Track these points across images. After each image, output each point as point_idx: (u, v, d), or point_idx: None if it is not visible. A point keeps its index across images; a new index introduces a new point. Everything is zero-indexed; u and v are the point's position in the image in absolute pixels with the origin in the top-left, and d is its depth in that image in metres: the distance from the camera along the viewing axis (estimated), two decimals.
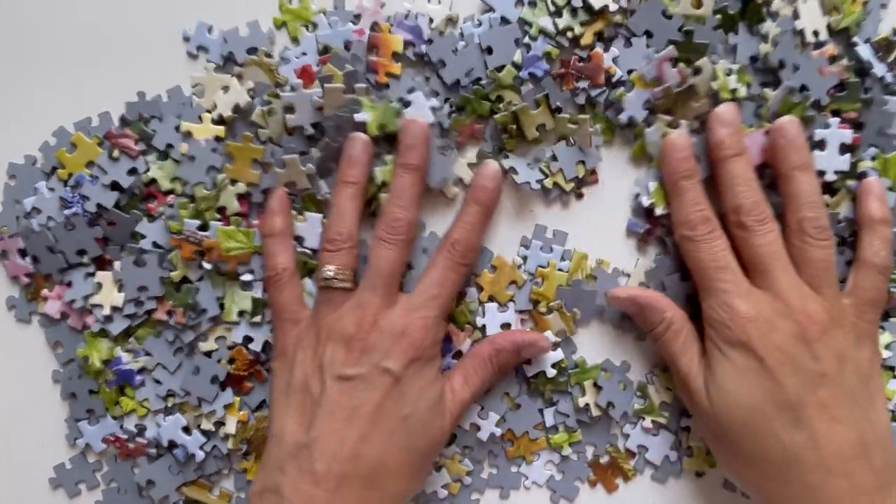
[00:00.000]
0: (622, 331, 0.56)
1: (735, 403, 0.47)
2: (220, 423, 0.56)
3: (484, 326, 0.55)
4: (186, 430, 0.55)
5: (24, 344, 0.57)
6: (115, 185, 0.55)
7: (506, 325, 0.55)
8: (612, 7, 0.53)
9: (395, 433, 0.48)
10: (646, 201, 0.54)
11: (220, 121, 0.55)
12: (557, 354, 0.54)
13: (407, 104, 0.54)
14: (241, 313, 0.55)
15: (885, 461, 0.46)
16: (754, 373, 0.46)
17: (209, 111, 0.55)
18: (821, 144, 0.53)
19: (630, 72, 0.54)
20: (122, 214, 0.55)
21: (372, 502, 0.47)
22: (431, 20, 0.55)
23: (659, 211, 0.53)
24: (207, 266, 0.54)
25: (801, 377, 0.46)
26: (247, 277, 0.55)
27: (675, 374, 0.52)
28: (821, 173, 0.53)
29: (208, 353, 0.55)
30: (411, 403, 0.48)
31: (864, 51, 0.53)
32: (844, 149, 0.53)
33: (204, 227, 0.54)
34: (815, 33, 0.53)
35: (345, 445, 0.47)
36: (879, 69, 0.53)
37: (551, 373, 0.54)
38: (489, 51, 0.54)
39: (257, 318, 0.55)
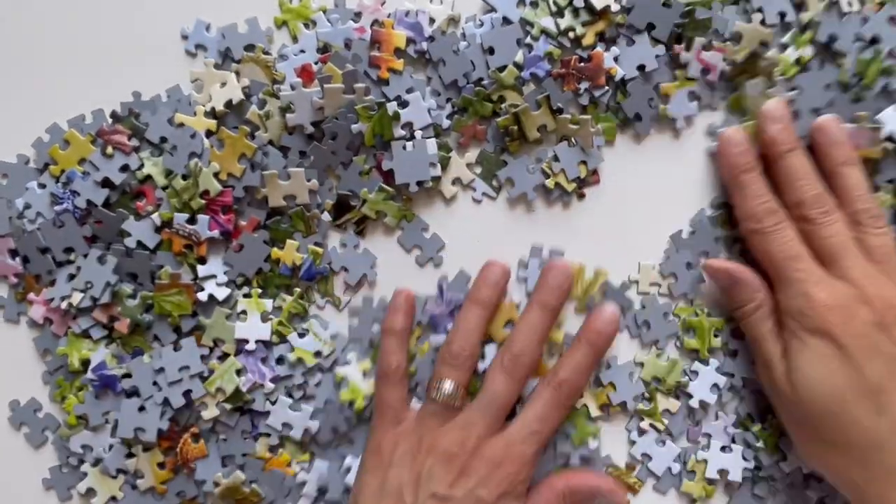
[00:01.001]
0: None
1: (817, 390, 0.47)
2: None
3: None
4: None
5: (13, 344, 0.56)
6: (106, 182, 0.54)
7: None
8: (614, 7, 0.53)
9: None
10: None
11: (213, 115, 0.54)
12: None
13: (405, 104, 0.53)
14: (218, 390, 0.54)
15: None
16: (835, 360, 0.46)
17: (202, 105, 0.54)
18: None
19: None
20: (108, 213, 0.54)
21: None
22: (433, 20, 0.54)
23: None
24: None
25: (882, 362, 0.46)
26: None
27: (757, 358, 0.52)
28: None
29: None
30: None
31: None
32: None
33: (192, 220, 0.54)
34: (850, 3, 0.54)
35: None
36: None
37: None
38: (491, 51, 0.54)
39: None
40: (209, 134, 0.54)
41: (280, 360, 0.55)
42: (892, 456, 0.45)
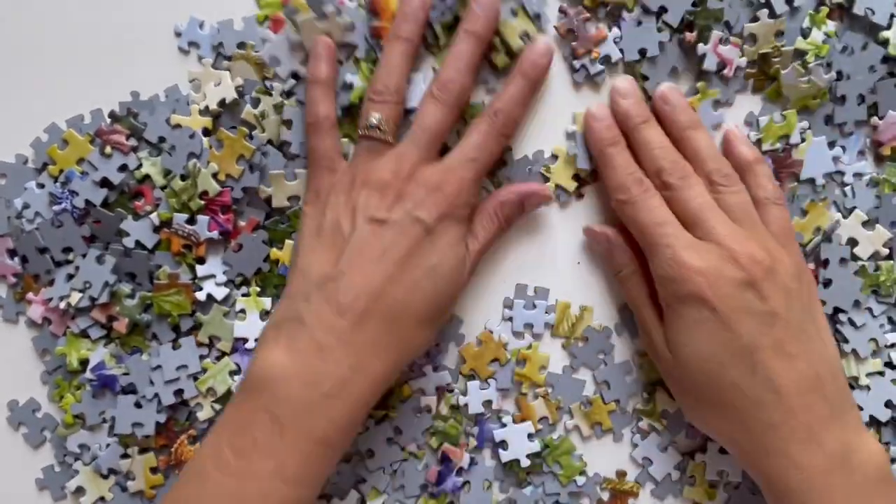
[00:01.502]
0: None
1: (694, 355, 0.47)
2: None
3: (466, 405, 0.54)
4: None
5: (12, 344, 0.56)
6: (104, 182, 0.54)
7: (487, 403, 0.54)
8: None
9: (421, 281, 0.48)
10: (753, 136, 0.54)
11: (209, 113, 0.54)
12: (534, 445, 0.54)
13: None
14: (209, 390, 0.54)
15: (836, 388, 0.47)
16: (708, 323, 0.46)
17: (198, 104, 0.54)
18: None
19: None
20: (107, 213, 0.54)
21: (390, 342, 0.47)
22: None
23: (765, 146, 0.54)
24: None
25: (754, 320, 0.46)
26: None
27: (639, 325, 0.53)
28: None
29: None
30: (439, 255, 0.48)
31: None
32: None
33: (192, 221, 0.54)
34: None
35: (371, 283, 0.47)
36: None
37: (525, 462, 0.54)
38: None
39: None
40: (206, 133, 0.54)
41: None
42: (768, 412, 0.45)
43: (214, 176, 0.53)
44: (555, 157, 0.54)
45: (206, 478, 0.45)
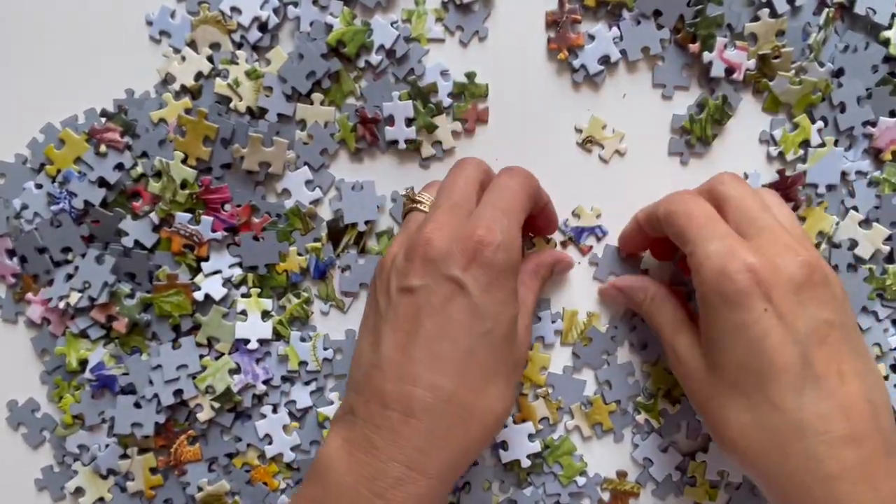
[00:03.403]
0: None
1: (733, 364, 0.42)
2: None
3: None
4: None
5: (11, 344, 0.56)
6: (102, 182, 0.54)
7: None
8: None
9: (474, 350, 0.43)
10: (774, 151, 0.54)
11: (187, 93, 0.55)
12: (534, 446, 0.53)
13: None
14: (208, 388, 0.54)
15: (889, 422, 0.41)
16: (756, 326, 0.41)
17: (169, 92, 0.55)
18: None
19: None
20: (105, 213, 0.54)
21: (452, 427, 0.42)
22: None
23: (789, 157, 0.53)
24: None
25: (810, 326, 0.40)
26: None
27: (664, 347, 0.49)
28: None
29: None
30: (492, 317, 0.43)
31: None
32: None
33: (195, 220, 0.54)
34: None
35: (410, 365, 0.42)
36: None
37: (526, 463, 0.53)
38: None
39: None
40: (188, 112, 0.54)
41: (269, 353, 0.54)
42: (814, 440, 0.39)
43: (184, 162, 0.53)
44: None
45: None
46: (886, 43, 0.53)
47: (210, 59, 0.54)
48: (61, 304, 0.54)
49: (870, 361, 0.42)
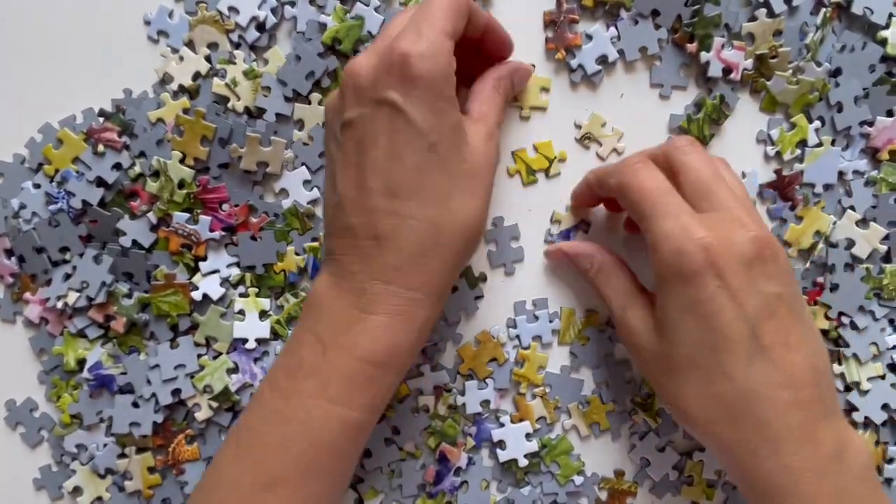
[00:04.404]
0: None
1: (686, 340, 0.43)
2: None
3: (464, 405, 0.54)
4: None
5: (9, 344, 0.56)
6: (100, 182, 0.54)
7: (485, 402, 0.54)
8: None
9: (424, 166, 0.43)
10: (771, 151, 0.54)
11: (185, 92, 0.55)
12: (532, 445, 0.54)
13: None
14: (206, 387, 0.54)
15: (829, 384, 0.43)
16: (710, 303, 0.42)
17: (167, 92, 0.55)
18: None
19: None
20: (103, 212, 0.54)
21: (423, 247, 0.43)
22: None
23: (786, 156, 0.54)
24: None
25: (760, 301, 0.42)
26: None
27: (614, 319, 0.49)
28: None
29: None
30: (433, 129, 0.43)
31: None
32: None
33: (193, 220, 0.54)
34: None
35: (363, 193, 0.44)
36: None
37: (523, 462, 0.54)
38: None
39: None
40: (186, 111, 0.54)
41: (267, 353, 0.55)
42: (761, 406, 0.41)
43: (182, 162, 0.53)
44: None
45: (261, 398, 0.45)
46: (884, 42, 0.53)
47: (208, 58, 0.54)
48: (59, 304, 0.54)
49: (812, 328, 0.44)
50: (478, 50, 0.50)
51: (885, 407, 0.53)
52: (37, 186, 0.55)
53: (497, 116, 0.49)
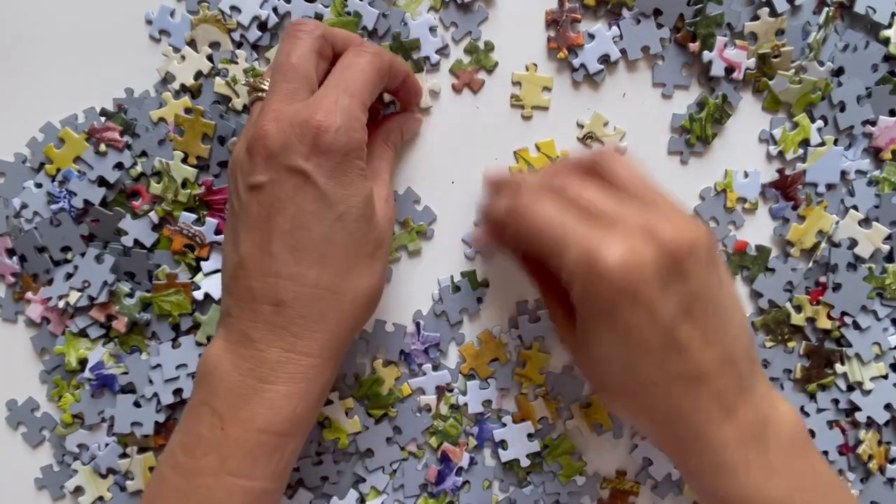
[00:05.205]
0: None
1: (602, 355, 0.42)
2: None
3: (466, 405, 0.54)
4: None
5: (11, 344, 0.56)
6: (102, 181, 0.54)
7: (487, 402, 0.54)
8: None
9: (330, 236, 0.43)
10: (773, 150, 0.54)
11: (186, 91, 0.55)
12: (533, 445, 0.54)
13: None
14: None
15: (748, 363, 0.43)
16: (622, 326, 0.40)
17: (169, 92, 0.55)
18: None
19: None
20: (105, 212, 0.54)
21: (322, 312, 0.44)
22: None
23: (789, 156, 0.53)
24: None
25: (675, 303, 0.40)
26: None
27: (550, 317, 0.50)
28: None
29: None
30: (342, 201, 0.43)
31: None
32: None
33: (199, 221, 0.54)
34: None
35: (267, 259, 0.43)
36: None
37: (525, 462, 0.54)
38: None
39: None
40: (188, 111, 0.54)
41: None
42: (682, 400, 0.41)
43: (184, 161, 0.54)
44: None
45: (162, 478, 0.44)
46: (886, 42, 0.53)
47: (210, 58, 0.54)
48: (61, 304, 0.54)
49: (732, 312, 0.43)
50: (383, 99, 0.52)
51: (887, 407, 0.53)
52: (38, 186, 0.55)
53: (389, 172, 0.51)
